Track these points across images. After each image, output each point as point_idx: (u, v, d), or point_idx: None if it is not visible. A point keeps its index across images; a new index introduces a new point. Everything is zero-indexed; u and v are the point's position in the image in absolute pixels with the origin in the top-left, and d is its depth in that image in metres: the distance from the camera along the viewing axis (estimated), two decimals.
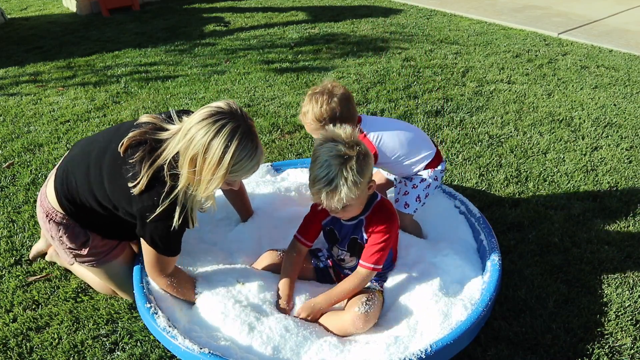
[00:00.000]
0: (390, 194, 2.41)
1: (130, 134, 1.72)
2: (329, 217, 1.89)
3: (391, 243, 1.80)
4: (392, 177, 2.32)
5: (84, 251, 1.94)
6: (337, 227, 1.89)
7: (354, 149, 1.60)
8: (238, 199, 2.27)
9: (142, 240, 1.77)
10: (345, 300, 1.84)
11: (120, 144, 1.73)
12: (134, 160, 1.68)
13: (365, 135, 2.04)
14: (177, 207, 1.66)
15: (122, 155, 1.72)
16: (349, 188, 1.58)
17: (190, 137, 1.59)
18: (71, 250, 1.96)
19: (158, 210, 1.65)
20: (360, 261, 1.79)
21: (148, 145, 1.70)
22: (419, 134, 2.19)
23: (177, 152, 1.64)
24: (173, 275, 1.84)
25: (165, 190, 1.65)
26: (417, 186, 2.12)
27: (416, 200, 2.14)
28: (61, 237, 1.93)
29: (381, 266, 1.78)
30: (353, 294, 1.80)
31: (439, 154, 2.16)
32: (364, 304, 1.74)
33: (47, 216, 1.93)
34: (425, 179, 2.12)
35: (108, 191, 1.77)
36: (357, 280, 1.78)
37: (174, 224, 1.67)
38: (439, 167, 2.14)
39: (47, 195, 1.93)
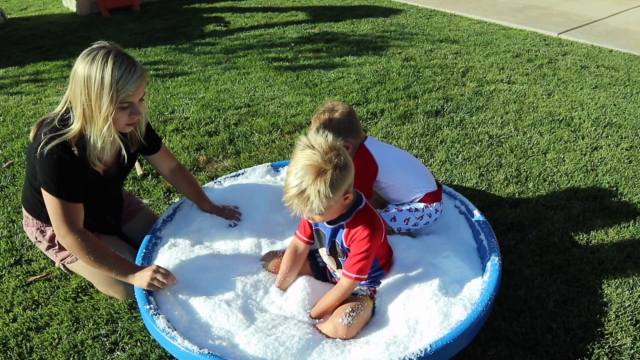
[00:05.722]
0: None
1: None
2: None
3: (374, 251, 1.76)
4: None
5: (57, 245, 2.07)
6: (322, 228, 1.88)
7: (332, 161, 1.54)
8: (185, 186, 2.24)
9: (44, 195, 1.81)
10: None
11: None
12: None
13: (368, 150, 2.09)
14: (65, 141, 1.74)
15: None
16: (320, 200, 1.54)
17: (73, 80, 1.73)
18: (49, 248, 2.10)
19: (42, 143, 1.72)
20: (344, 270, 1.77)
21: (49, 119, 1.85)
22: (422, 167, 2.26)
23: (67, 109, 1.79)
24: (83, 234, 1.81)
25: (51, 128, 1.76)
26: (412, 209, 2.14)
27: (404, 222, 2.14)
28: (37, 237, 2.11)
29: (365, 275, 1.76)
30: (340, 303, 1.80)
31: (438, 193, 2.18)
32: (347, 315, 1.75)
33: (25, 225, 2.14)
34: (419, 210, 2.14)
35: (28, 169, 1.93)
36: (342, 291, 1.78)
37: (58, 154, 1.73)
38: (433, 205, 2.15)
39: (23, 209, 2.14)
